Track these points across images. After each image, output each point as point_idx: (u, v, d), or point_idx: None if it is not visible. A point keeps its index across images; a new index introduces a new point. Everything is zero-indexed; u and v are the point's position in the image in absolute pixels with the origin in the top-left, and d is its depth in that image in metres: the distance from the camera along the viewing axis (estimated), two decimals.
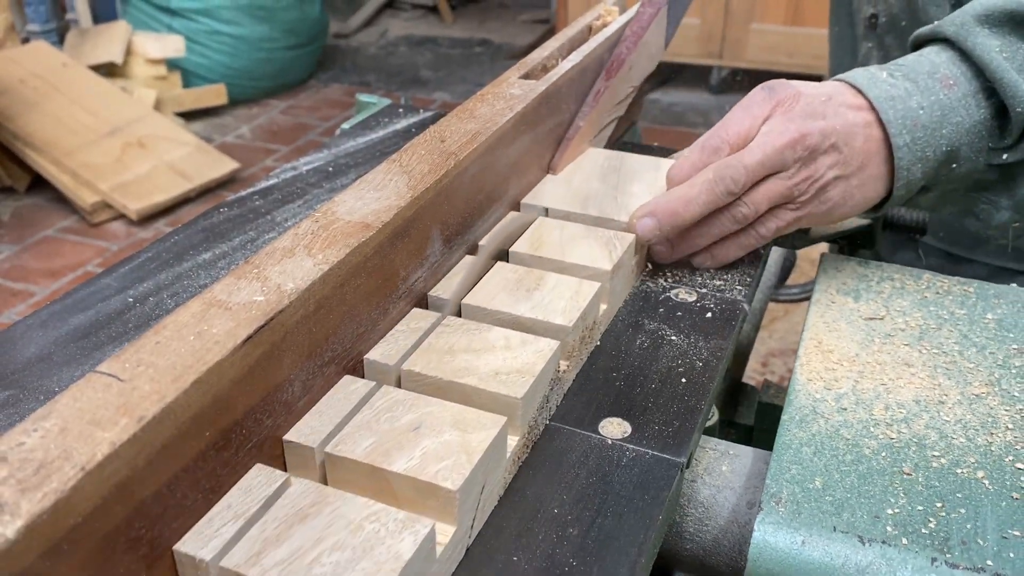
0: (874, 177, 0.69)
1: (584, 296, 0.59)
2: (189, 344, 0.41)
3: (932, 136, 0.68)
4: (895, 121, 0.68)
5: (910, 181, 0.70)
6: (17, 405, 0.56)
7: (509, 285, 0.60)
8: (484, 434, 0.46)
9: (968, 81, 0.69)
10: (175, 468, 0.39)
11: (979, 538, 0.50)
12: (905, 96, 0.68)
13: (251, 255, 0.71)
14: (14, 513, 0.32)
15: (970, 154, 0.71)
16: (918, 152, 0.68)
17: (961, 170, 0.72)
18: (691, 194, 0.67)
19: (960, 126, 0.69)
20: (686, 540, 0.60)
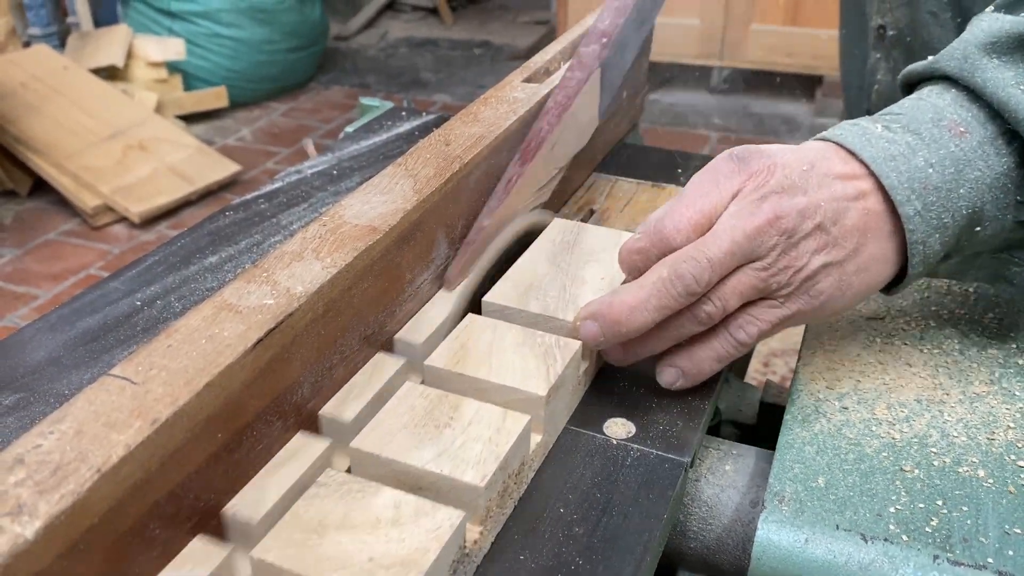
0: (877, 259, 0.57)
1: (508, 436, 0.47)
2: (201, 347, 0.41)
3: (948, 199, 0.56)
4: (900, 187, 0.55)
5: (927, 256, 0.57)
6: (28, 408, 0.57)
7: (416, 419, 0.48)
8: None
9: (982, 125, 0.57)
10: (188, 470, 0.40)
11: (981, 535, 0.51)
12: (909, 153, 0.56)
13: (258, 258, 0.71)
14: (32, 514, 0.32)
15: (995, 212, 0.58)
16: (933, 220, 0.56)
17: (987, 232, 0.59)
18: (640, 297, 0.53)
19: (980, 181, 0.56)
20: (690, 539, 0.61)
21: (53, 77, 3.14)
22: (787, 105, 3.65)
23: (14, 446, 0.35)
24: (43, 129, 2.94)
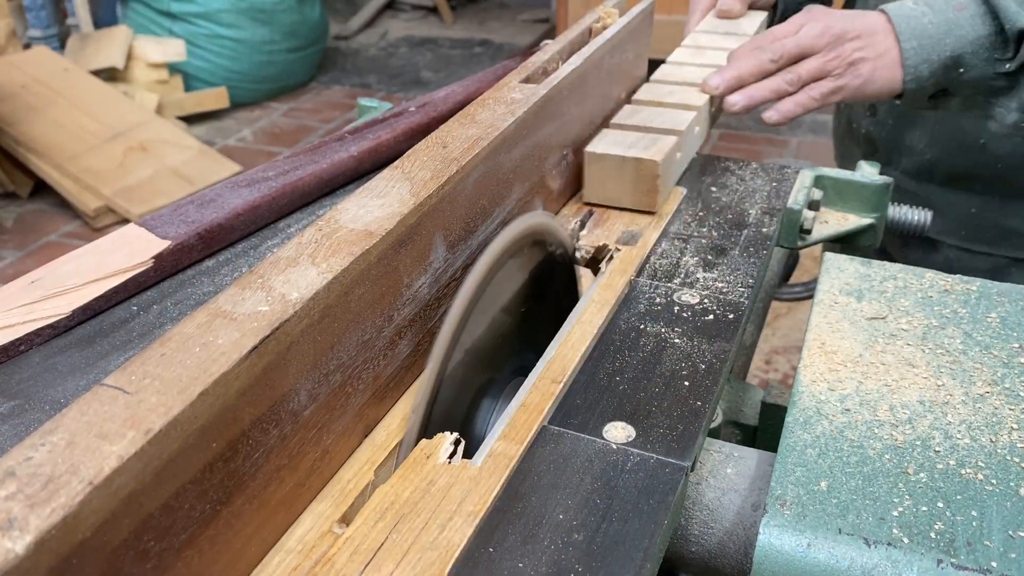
0: (895, 62, 0.90)
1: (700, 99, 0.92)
2: (195, 356, 0.41)
3: (937, 43, 0.89)
4: (905, 30, 0.89)
5: (918, 76, 0.90)
6: (23, 415, 0.56)
7: None
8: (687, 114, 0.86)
9: (976, 4, 0.89)
10: (183, 480, 0.39)
11: (985, 539, 0.50)
12: (919, 15, 0.89)
13: (253, 263, 0.71)
14: (23, 528, 0.32)
15: (976, 62, 0.89)
16: (923, 55, 0.89)
17: (971, 75, 0.90)
18: (743, 61, 0.93)
19: (963, 38, 0.88)
20: (691, 543, 0.60)
21: (54, 79, 3.14)
22: None
23: (5, 459, 0.35)
24: (44, 131, 2.94)
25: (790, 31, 0.93)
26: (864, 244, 0.90)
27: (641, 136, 0.83)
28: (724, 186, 0.87)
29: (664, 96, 0.93)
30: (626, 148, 0.81)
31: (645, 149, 0.81)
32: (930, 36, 0.89)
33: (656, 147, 0.81)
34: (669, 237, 0.78)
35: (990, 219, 1.05)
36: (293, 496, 0.48)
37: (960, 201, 1.06)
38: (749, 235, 0.79)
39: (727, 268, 0.73)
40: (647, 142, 0.82)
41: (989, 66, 0.90)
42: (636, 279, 0.72)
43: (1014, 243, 1.04)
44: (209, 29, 3.56)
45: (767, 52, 0.92)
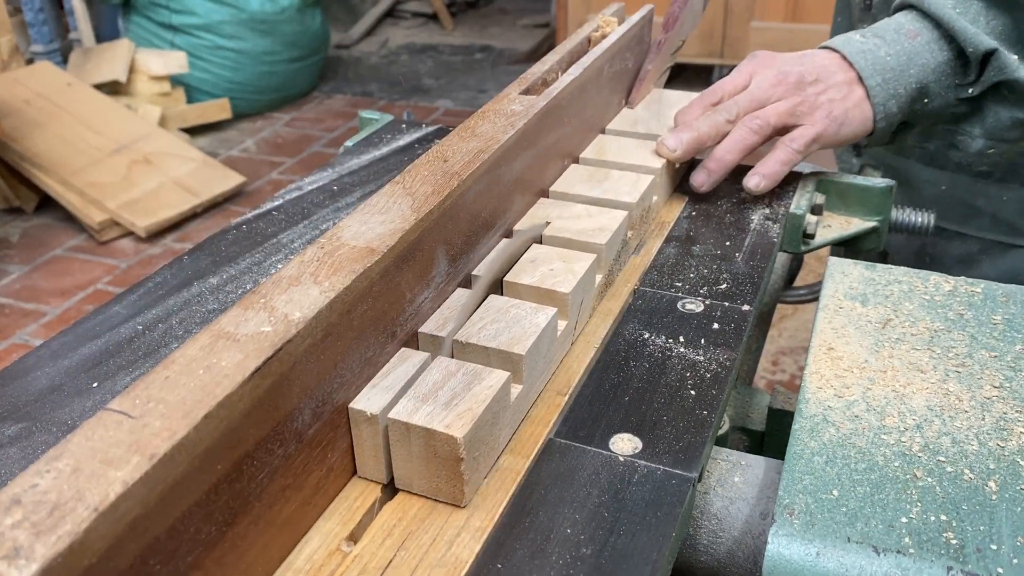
0: (862, 100, 0.84)
1: (643, 183, 0.77)
2: (198, 378, 0.41)
3: (900, 76, 0.84)
4: (866, 67, 0.83)
5: (888, 114, 0.84)
6: (30, 437, 0.57)
7: (583, 178, 0.78)
8: (582, 263, 0.65)
9: (929, 31, 0.84)
10: (188, 503, 0.39)
11: (994, 545, 0.50)
12: (874, 49, 0.84)
13: (258, 280, 0.71)
14: (29, 557, 0.32)
15: (939, 90, 0.86)
16: (890, 89, 0.84)
17: (934, 104, 0.86)
18: (696, 124, 0.83)
19: (926, 67, 0.84)
20: (700, 552, 0.60)
21: (57, 94, 3.15)
22: None
23: (11, 486, 0.35)
24: (48, 146, 2.95)
25: (740, 83, 0.85)
26: (868, 247, 0.90)
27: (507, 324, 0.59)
28: (726, 192, 0.87)
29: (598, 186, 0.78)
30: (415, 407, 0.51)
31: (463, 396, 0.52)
32: (892, 69, 0.83)
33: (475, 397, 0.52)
34: (672, 245, 0.78)
35: (960, 198, 1.04)
36: (299, 515, 0.48)
37: (933, 178, 1.06)
38: (752, 241, 0.78)
39: (731, 275, 0.73)
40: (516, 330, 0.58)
41: (951, 92, 0.86)
42: (640, 288, 0.72)
43: (982, 223, 1.04)
44: (210, 41, 3.57)
45: (722, 113, 0.83)
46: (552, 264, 0.65)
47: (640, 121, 0.91)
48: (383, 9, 5.02)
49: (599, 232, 0.69)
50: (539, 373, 0.60)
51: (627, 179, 0.78)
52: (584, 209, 0.73)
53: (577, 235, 0.69)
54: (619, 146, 0.85)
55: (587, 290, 0.66)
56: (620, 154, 0.83)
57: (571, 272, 0.64)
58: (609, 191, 0.76)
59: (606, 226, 0.70)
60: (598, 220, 0.71)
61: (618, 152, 0.84)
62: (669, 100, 0.96)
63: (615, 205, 0.74)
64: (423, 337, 0.59)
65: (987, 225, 1.03)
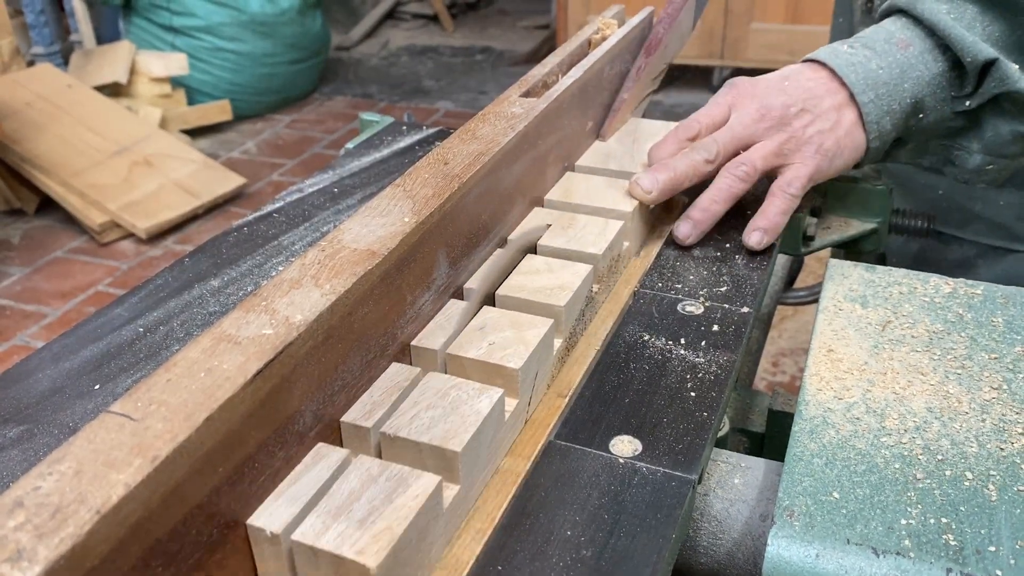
0: (854, 124, 0.78)
1: (611, 231, 0.70)
2: (200, 381, 0.41)
3: (894, 91, 0.77)
4: (857, 83, 0.77)
5: (882, 132, 0.79)
6: (31, 440, 0.57)
7: (544, 220, 0.72)
8: (536, 331, 0.58)
9: (922, 40, 0.78)
10: (190, 505, 0.39)
11: (993, 547, 0.50)
12: (865, 61, 0.77)
13: (259, 282, 0.71)
14: (32, 559, 0.32)
15: (935, 104, 0.79)
16: (884, 106, 0.77)
17: (929, 119, 0.80)
18: (672, 163, 0.76)
19: (920, 80, 0.78)
20: (700, 554, 0.60)
21: (58, 95, 3.16)
22: None
23: (14, 488, 0.35)
24: (49, 147, 2.95)
25: (718, 117, 0.78)
26: (867, 249, 0.90)
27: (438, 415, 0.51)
28: None
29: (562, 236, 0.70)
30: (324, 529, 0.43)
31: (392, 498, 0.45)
32: (885, 83, 0.77)
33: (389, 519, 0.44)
34: (672, 246, 0.78)
35: (956, 201, 1.04)
36: None
37: (931, 183, 1.04)
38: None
39: (731, 277, 0.73)
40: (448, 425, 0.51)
41: (947, 106, 0.80)
42: (640, 290, 0.72)
43: (979, 228, 1.03)
44: (211, 43, 3.58)
45: (700, 151, 0.76)
46: (503, 331, 0.58)
47: (612, 156, 0.83)
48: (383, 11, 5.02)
49: (558, 292, 0.62)
50: (483, 466, 0.52)
51: (594, 225, 0.70)
52: (544, 263, 0.66)
53: (534, 295, 0.62)
54: (588, 186, 0.77)
55: (543, 360, 0.58)
56: (588, 195, 0.76)
57: (523, 342, 0.56)
58: (573, 240, 0.69)
59: (567, 284, 0.63)
60: (559, 276, 0.64)
61: (586, 193, 0.76)
62: (646, 132, 0.88)
63: (579, 257, 0.67)
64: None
65: (984, 230, 1.03)
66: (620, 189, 0.77)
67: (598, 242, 0.68)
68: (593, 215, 0.73)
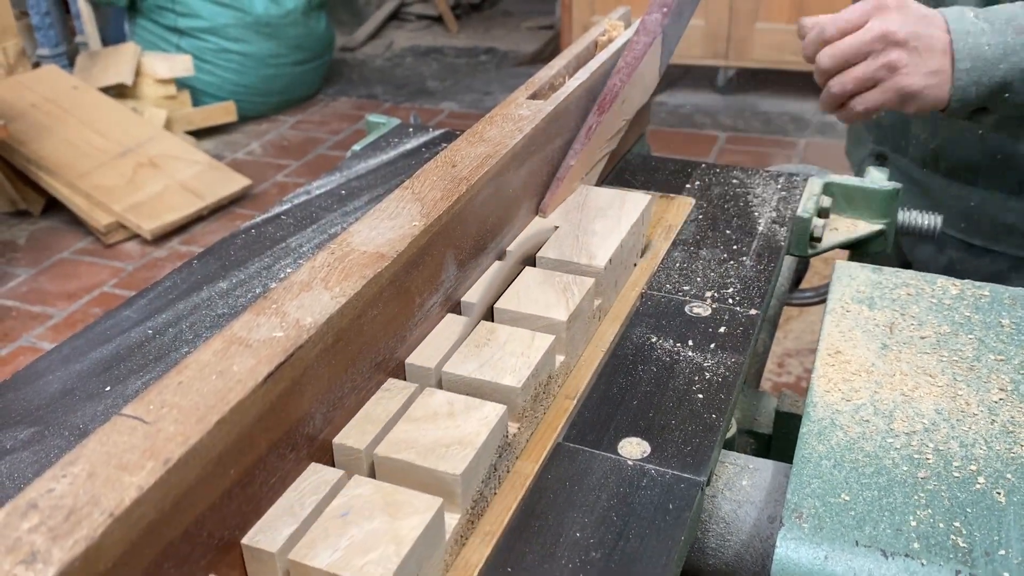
0: (944, 81, 0.88)
1: (536, 351, 0.56)
2: (211, 383, 0.41)
3: (989, 68, 0.87)
4: (961, 50, 0.87)
5: (964, 98, 0.89)
6: (42, 441, 0.57)
7: (457, 338, 0.57)
8: (417, 519, 0.43)
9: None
10: (202, 507, 0.39)
11: (1003, 550, 0.50)
12: (978, 33, 0.87)
13: (267, 284, 0.71)
14: (46, 561, 0.32)
15: (1021, 88, 0.87)
16: (974, 77, 0.87)
17: (1015, 100, 0.89)
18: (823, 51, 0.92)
19: (1017, 66, 0.86)
20: (708, 556, 0.60)
21: (63, 97, 3.16)
22: (794, 103, 3.63)
23: (28, 491, 0.35)
24: (54, 149, 2.96)
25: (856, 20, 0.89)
26: (875, 250, 0.90)
27: None
28: (733, 195, 0.87)
29: None
30: None
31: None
32: (985, 59, 0.87)
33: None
34: (679, 248, 0.78)
35: (989, 213, 1.04)
36: None
37: (962, 193, 1.06)
38: (759, 245, 0.79)
39: (738, 279, 0.73)
40: None
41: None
42: (647, 292, 0.72)
43: (1012, 241, 1.03)
44: (216, 44, 3.58)
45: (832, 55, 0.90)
46: (372, 520, 0.43)
47: (553, 240, 0.69)
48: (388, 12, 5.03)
49: (456, 452, 0.48)
50: None
51: (518, 341, 0.57)
52: (446, 401, 0.51)
53: (423, 456, 0.47)
54: (518, 283, 0.63)
55: (426, 558, 0.44)
56: (517, 295, 0.62)
57: (395, 540, 0.42)
58: (488, 365, 0.55)
59: (468, 438, 0.49)
60: (462, 425, 0.50)
61: (514, 292, 0.62)
62: (596, 206, 0.73)
63: (492, 392, 0.54)
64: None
65: (1017, 242, 1.03)
66: (558, 287, 0.62)
67: (519, 368, 0.54)
68: (518, 325, 0.59)
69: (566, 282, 0.63)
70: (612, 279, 0.69)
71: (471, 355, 0.56)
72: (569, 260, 0.66)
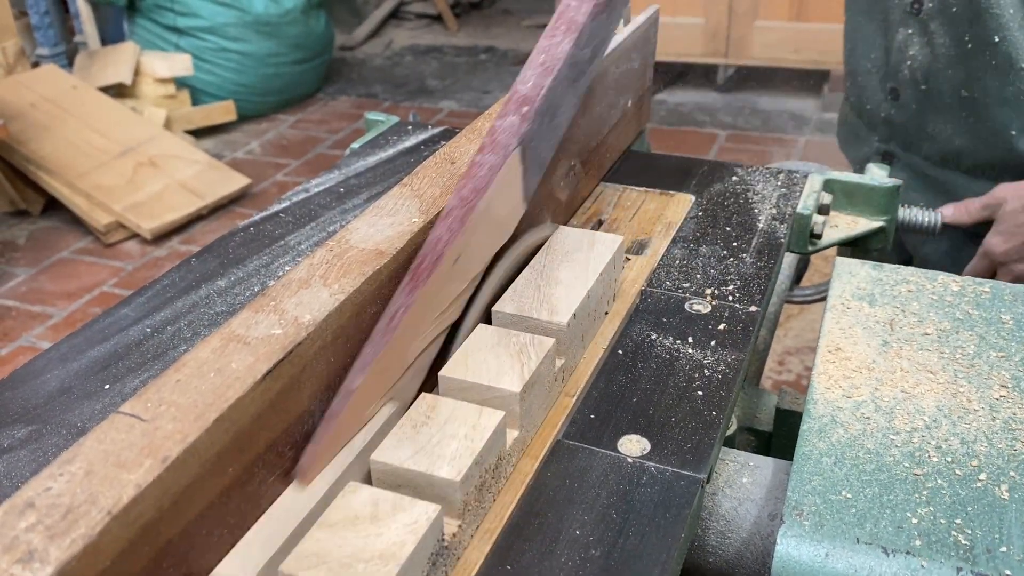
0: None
1: (482, 432, 0.48)
2: (210, 381, 0.41)
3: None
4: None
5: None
6: (40, 440, 0.57)
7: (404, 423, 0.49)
8: None
9: None
10: (200, 506, 0.39)
11: (1004, 546, 0.50)
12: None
13: (266, 282, 0.71)
14: (44, 560, 0.32)
15: None
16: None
17: None
18: None
19: None
20: (709, 553, 0.60)
21: (62, 97, 3.16)
22: (794, 101, 3.63)
23: (25, 489, 0.35)
24: (54, 149, 2.96)
25: None
26: (875, 247, 0.90)
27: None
28: (733, 193, 0.87)
29: None
30: None
31: None
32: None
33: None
34: (679, 245, 0.78)
35: None
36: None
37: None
38: (760, 242, 0.78)
39: (738, 276, 0.73)
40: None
41: None
42: (647, 289, 0.72)
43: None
44: (215, 43, 3.58)
45: None
46: None
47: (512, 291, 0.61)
48: (387, 11, 5.02)
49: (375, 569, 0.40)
50: None
51: (462, 420, 0.49)
52: (369, 501, 0.44)
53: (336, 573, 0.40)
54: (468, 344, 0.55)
55: None
56: (463, 362, 0.54)
57: None
58: (423, 452, 0.47)
59: (392, 550, 0.41)
60: (384, 532, 0.42)
61: (462, 358, 0.54)
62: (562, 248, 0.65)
63: (427, 487, 0.46)
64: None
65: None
66: (512, 349, 0.54)
67: (460, 455, 0.47)
68: (466, 396, 0.52)
69: (522, 343, 0.55)
70: (578, 334, 0.61)
71: (406, 437, 0.48)
72: (527, 316, 0.58)
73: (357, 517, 0.43)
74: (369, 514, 0.43)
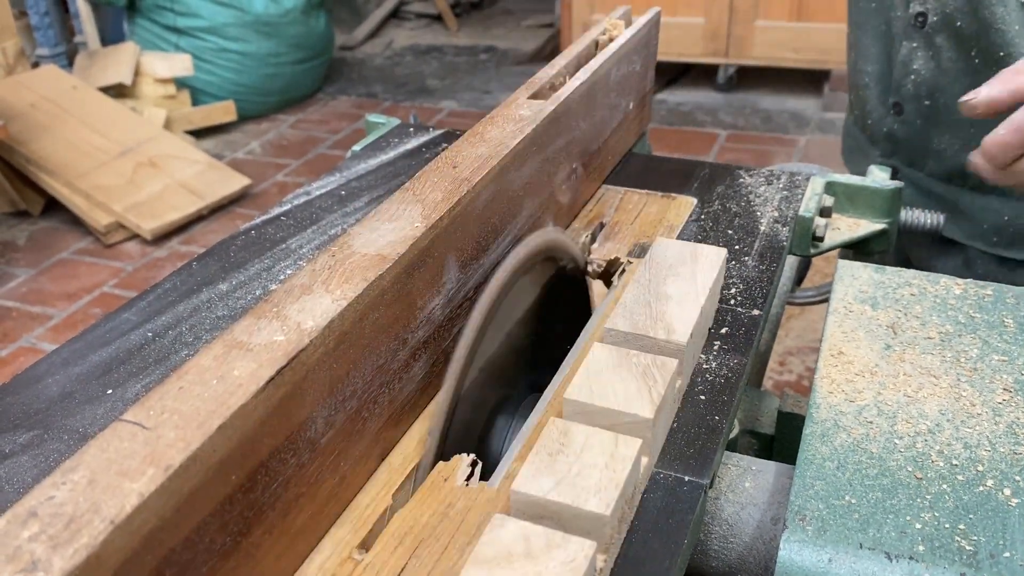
0: None
1: (623, 462, 0.47)
2: (212, 388, 0.41)
3: None
4: None
5: None
6: (42, 445, 0.57)
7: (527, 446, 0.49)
8: None
9: None
10: (203, 514, 0.39)
11: (1008, 552, 0.50)
12: None
13: (267, 286, 0.71)
14: (47, 570, 0.32)
15: None
16: None
17: None
18: None
19: None
20: (711, 558, 0.60)
21: (62, 97, 3.16)
22: (794, 101, 3.63)
23: (27, 498, 0.35)
24: (54, 149, 2.96)
25: None
26: (877, 249, 0.90)
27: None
28: (735, 195, 0.87)
29: None
30: None
31: None
32: None
33: None
34: None
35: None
36: (312, 524, 0.48)
37: (993, 207, 1.00)
38: (761, 244, 0.78)
39: (740, 279, 0.73)
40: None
41: None
42: None
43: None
44: (215, 43, 3.58)
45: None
46: None
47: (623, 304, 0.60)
48: (387, 10, 5.02)
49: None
50: None
51: (597, 449, 0.48)
52: (521, 537, 0.43)
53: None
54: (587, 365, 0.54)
55: None
56: (586, 384, 0.52)
57: None
58: (565, 483, 0.46)
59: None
60: (543, 571, 0.41)
61: (584, 379, 0.53)
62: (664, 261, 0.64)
63: (573, 520, 0.45)
64: None
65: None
66: (636, 371, 0.53)
67: (605, 487, 0.45)
68: (592, 421, 0.51)
69: (645, 364, 0.53)
70: (692, 355, 0.59)
71: (544, 467, 0.46)
72: (644, 334, 0.56)
73: (511, 554, 0.42)
74: (523, 551, 0.42)
